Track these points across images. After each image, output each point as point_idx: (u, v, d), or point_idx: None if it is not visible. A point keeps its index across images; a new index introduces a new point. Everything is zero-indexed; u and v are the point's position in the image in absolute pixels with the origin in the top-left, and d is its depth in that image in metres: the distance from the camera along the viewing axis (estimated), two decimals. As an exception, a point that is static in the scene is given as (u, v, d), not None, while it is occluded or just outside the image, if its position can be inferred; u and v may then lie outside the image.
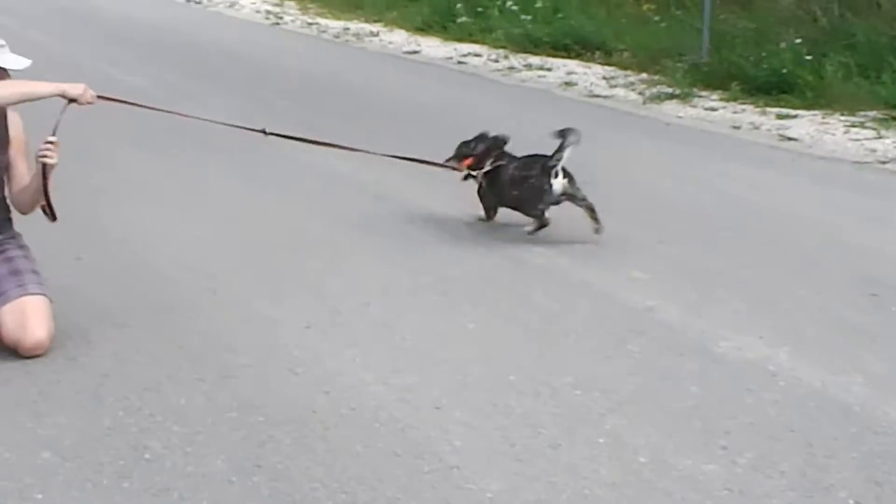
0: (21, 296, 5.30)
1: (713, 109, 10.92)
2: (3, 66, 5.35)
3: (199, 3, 20.82)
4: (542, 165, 6.78)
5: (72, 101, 5.36)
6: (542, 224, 6.79)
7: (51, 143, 5.37)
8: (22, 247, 5.59)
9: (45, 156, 5.34)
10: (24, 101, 5.32)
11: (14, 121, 5.56)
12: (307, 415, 4.63)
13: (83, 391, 4.90)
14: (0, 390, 4.90)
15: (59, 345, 5.32)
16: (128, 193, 8.06)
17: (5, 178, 5.55)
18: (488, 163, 7.07)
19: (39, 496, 4.04)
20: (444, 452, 4.30)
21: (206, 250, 6.82)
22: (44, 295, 5.38)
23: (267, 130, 6.66)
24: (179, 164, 8.93)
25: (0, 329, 5.26)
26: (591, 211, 6.82)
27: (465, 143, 7.35)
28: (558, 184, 6.76)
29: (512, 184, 6.95)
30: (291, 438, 4.43)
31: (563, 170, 6.80)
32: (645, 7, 14.52)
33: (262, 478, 4.14)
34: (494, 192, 7.12)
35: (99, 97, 5.51)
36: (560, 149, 6.77)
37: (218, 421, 4.59)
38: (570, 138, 6.80)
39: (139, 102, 5.67)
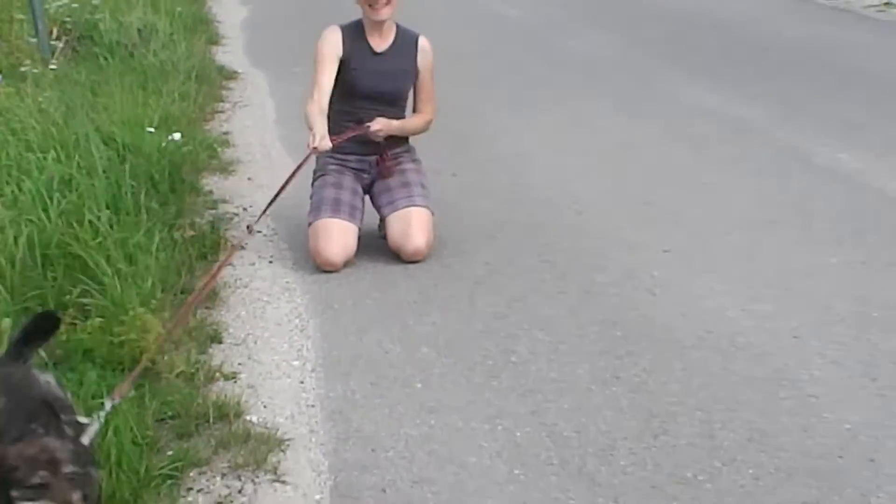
0: (407, 206, 5.55)
1: None
2: None
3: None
4: None
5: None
6: None
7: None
8: (415, 160, 5.82)
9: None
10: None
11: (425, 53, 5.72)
12: (665, 334, 4.65)
13: (457, 296, 5.10)
14: (387, 291, 5.17)
15: (436, 253, 5.56)
16: (506, 117, 8.25)
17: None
18: None
19: (419, 385, 4.25)
20: (802, 381, 4.22)
21: (577, 175, 6.91)
22: (427, 207, 5.61)
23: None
24: (560, 94, 9.03)
25: (388, 233, 5.56)
26: None
27: None
28: None
29: None
30: (650, 355, 4.46)
31: None
32: None
33: (621, 389, 4.20)
34: None
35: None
36: None
37: (580, 333, 4.68)
38: None
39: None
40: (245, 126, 8.09)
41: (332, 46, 5.51)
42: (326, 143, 5.30)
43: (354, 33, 5.59)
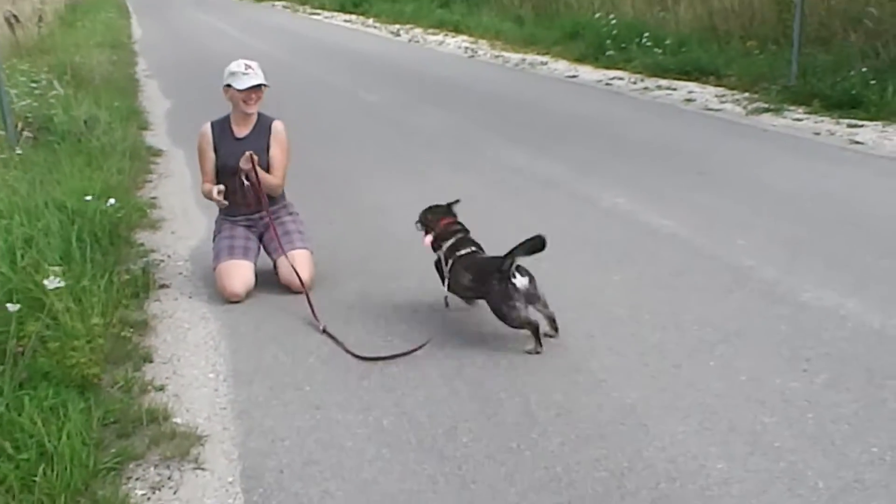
0: (290, 250, 5.47)
1: (799, 120, 10.49)
2: (260, 84, 5.48)
3: (417, 42, 20.92)
4: (499, 268, 4.59)
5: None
6: (532, 331, 4.52)
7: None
8: (292, 213, 5.74)
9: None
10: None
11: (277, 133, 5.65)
12: (494, 340, 4.64)
13: (335, 317, 5.01)
14: (280, 316, 5.06)
15: (319, 284, 5.46)
16: (369, 177, 8.16)
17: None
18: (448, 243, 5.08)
19: (307, 388, 4.18)
20: (595, 369, 4.26)
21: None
22: (307, 248, 5.53)
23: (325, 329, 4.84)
24: (409, 159, 8.99)
25: (277, 273, 5.47)
26: (551, 321, 4.66)
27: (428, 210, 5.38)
28: (521, 282, 4.57)
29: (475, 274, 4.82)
30: (483, 355, 4.46)
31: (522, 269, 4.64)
32: (748, 43, 14.08)
33: (461, 382, 4.18)
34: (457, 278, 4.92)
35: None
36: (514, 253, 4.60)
37: (431, 342, 4.62)
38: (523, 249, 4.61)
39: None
40: (168, 192, 7.88)
41: (205, 141, 5.64)
42: (220, 190, 5.45)
43: (221, 125, 5.64)
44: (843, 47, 12.55)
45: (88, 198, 6.39)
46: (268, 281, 5.47)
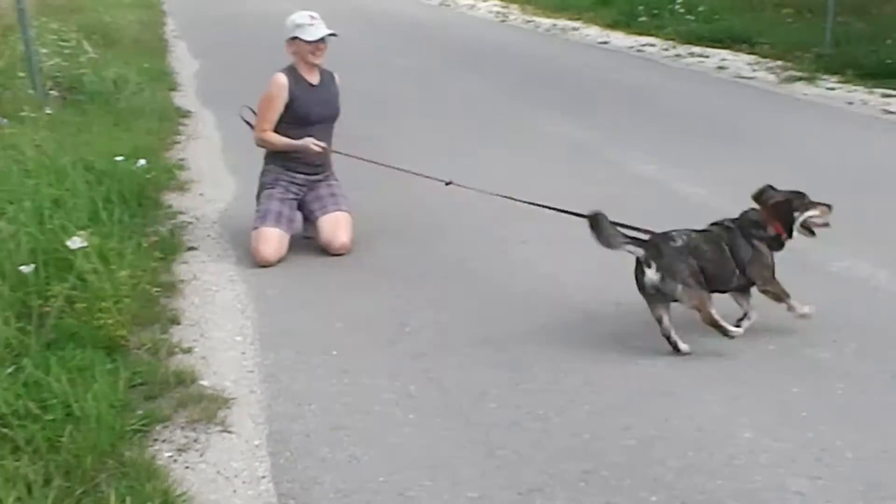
0: (335, 211, 5.47)
1: (832, 89, 10.38)
2: (331, 33, 5.40)
3: (448, 5, 20.76)
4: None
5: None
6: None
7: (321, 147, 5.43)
8: (336, 180, 5.70)
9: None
10: (287, 150, 5.46)
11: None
12: (523, 304, 4.64)
13: (367, 283, 5.01)
14: (308, 280, 5.06)
15: (354, 249, 5.45)
16: (402, 141, 8.09)
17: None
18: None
19: (334, 353, 4.17)
20: (622, 336, 4.24)
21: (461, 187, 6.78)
22: (349, 212, 5.52)
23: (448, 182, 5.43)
24: (441, 122, 8.93)
25: (319, 232, 5.45)
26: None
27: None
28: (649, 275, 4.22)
29: None
30: (511, 321, 4.45)
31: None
32: (783, 11, 13.96)
33: (490, 349, 4.17)
34: None
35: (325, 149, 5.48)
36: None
37: (458, 309, 4.62)
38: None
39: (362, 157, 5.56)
40: (197, 153, 7.85)
41: (282, 89, 5.39)
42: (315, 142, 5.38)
43: (293, 75, 5.44)
44: (879, 16, 12.38)
45: (119, 158, 6.39)
46: (296, 245, 5.45)
